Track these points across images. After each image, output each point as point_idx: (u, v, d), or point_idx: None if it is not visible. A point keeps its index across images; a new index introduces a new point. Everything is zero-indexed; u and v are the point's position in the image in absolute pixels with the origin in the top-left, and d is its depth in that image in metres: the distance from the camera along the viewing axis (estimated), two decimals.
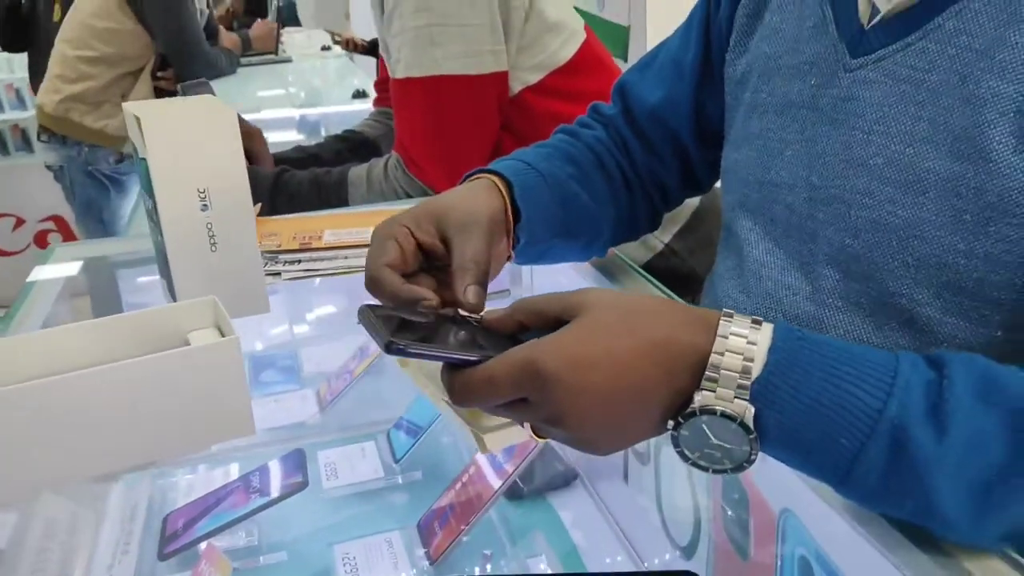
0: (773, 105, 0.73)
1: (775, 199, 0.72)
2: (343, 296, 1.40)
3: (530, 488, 1.03)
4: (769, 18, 0.75)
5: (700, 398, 0.48)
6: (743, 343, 0.48)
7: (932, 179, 0.60)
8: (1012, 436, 0.46)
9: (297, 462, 1.01)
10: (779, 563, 0.66)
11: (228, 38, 3.14)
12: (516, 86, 1.26)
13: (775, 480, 0.64)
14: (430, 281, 0.65)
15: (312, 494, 0.99)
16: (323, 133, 2.37)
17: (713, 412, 0.48)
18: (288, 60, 3.37)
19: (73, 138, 2.73)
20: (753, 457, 0.49)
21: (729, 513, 0.73)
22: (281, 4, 3.69)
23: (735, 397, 0.48)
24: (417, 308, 0.60)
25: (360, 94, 2.43)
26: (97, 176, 2.79)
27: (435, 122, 1.20)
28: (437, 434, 1.10)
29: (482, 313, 0.59)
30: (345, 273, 0.94)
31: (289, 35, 3.64)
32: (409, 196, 1.25)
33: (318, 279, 1.43)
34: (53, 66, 2.70)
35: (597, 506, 1.00)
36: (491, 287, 0.66)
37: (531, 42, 1.24)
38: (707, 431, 0.49)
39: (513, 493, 1.02)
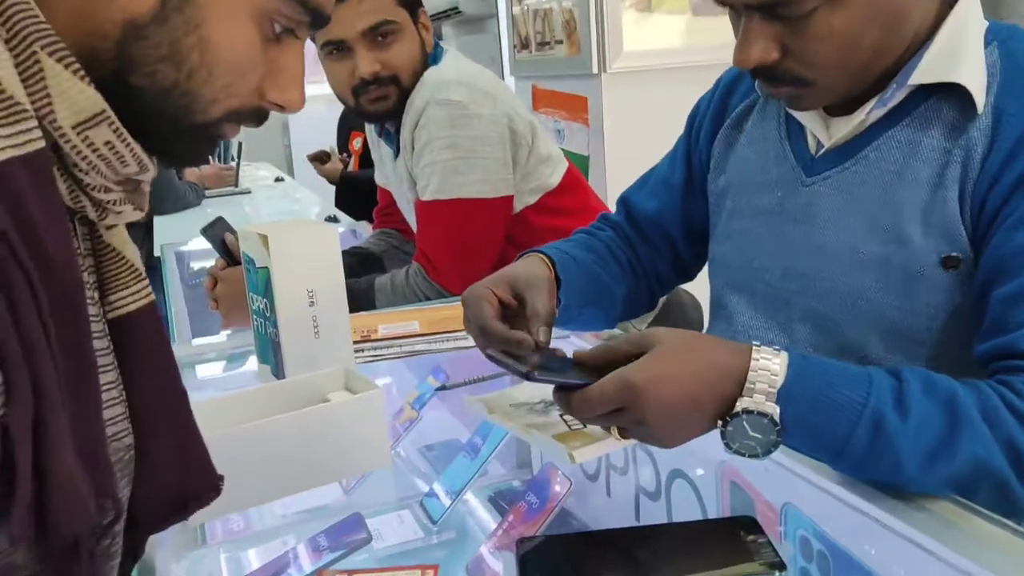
0: (749, 211, 1.00)
1: (756, 279, 0.99)
2: None
3: None
4: (740, 149, 1.03)
5: (741, 403, 0.71)
6: (770, 363, 0.72)
7: (870, 259, 0.88)
8: (946, 417, 0.71)
9: (357, 522, 1.18)
10: (782, 544, 0.88)
11: (191, 172, 3.35)
12: (519, 206, 1.55)
13: (776, 483, 0.87)
14: (506, 325, 0.88)
15: (368, 553, 1.15)
16: None
17: (751, 412, 0.71)
18: (247, 191, 3.59)
19: None
20: (778, 443, 0.72)
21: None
22: (240, 140, 3.92)
23: (766, 400, 0.71)
24: (517, 347, 0.82)
25: (332, 219, 2.66)
26: None
27: (457, 236, 1.47)
28: (462, 502, 1.27)
29: (572, 353, 0.81)
30: (406, 357, 1.16)
31: (242, 169, 3.86)
32: (428, 298, 1.48)
33: None
34: None
35: None
36: None
37: (531, 171, 1.54)
38: (746, 426, 0.71)
39: None
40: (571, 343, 1.24)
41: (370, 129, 1.74)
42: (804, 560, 0.84)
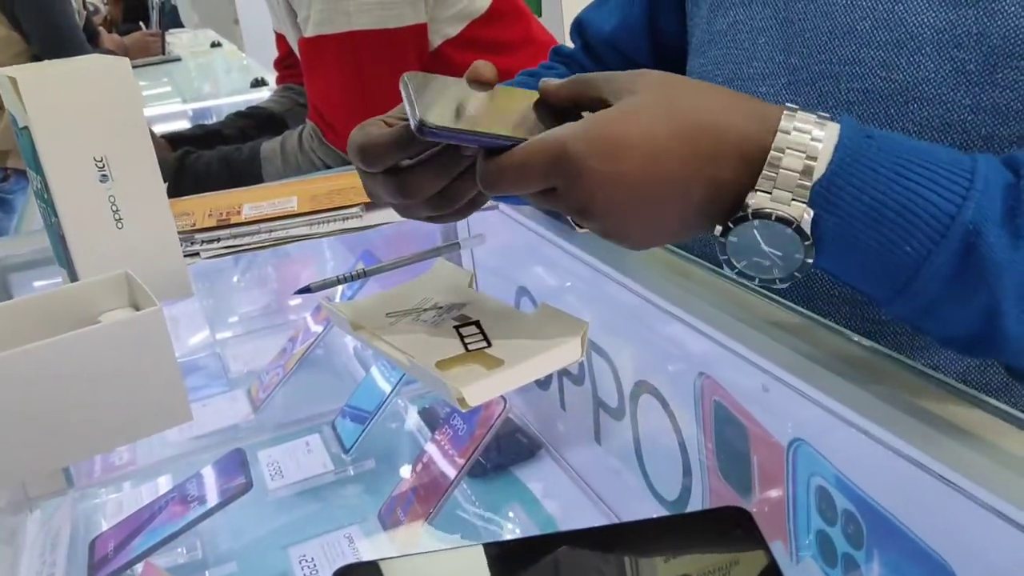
0: None
1: (751, 93, 0.67)
2: (262, 291, 1.30)
3: (493, 463, 0.97)
4: None
5: (754, 200, 0.44)
6: (807, 139, 0.43)
7: (927, 33, 0.56)
8: None
9: (237, 463, 0.92)
10: (791, 496, 0.60)
11: (110, 40, 2.96)
12: (436, 39, 1.19)
13: (780, 411, 0.58)
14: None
15: (257, 497, 0.90)
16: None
17: (767, 216, 0.44)
18: (176, 59, 3.19)
19: None
20: (807, 265, 0.45)
21: (724, 455, 0.67)
22: (163, 3, 3.52)
23: (792, 199, 0.43)
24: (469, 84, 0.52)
25: (259, 82, 2.31)
26: None
27: (352, 82, 1.12)
28: (386, 419, 1.03)
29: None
30: (274, 245, 0.85)
31: (175, 36, 3.46)
32: (328, 167, 1.16)
33: (236, 275, 1.32)
34: None
35: (567, 474, 0.95)
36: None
37: None
38: (758, 237, 0.45)
39: (476, 470, 0.95)
40: None
41: None
42: (824, 522, 0.58)
